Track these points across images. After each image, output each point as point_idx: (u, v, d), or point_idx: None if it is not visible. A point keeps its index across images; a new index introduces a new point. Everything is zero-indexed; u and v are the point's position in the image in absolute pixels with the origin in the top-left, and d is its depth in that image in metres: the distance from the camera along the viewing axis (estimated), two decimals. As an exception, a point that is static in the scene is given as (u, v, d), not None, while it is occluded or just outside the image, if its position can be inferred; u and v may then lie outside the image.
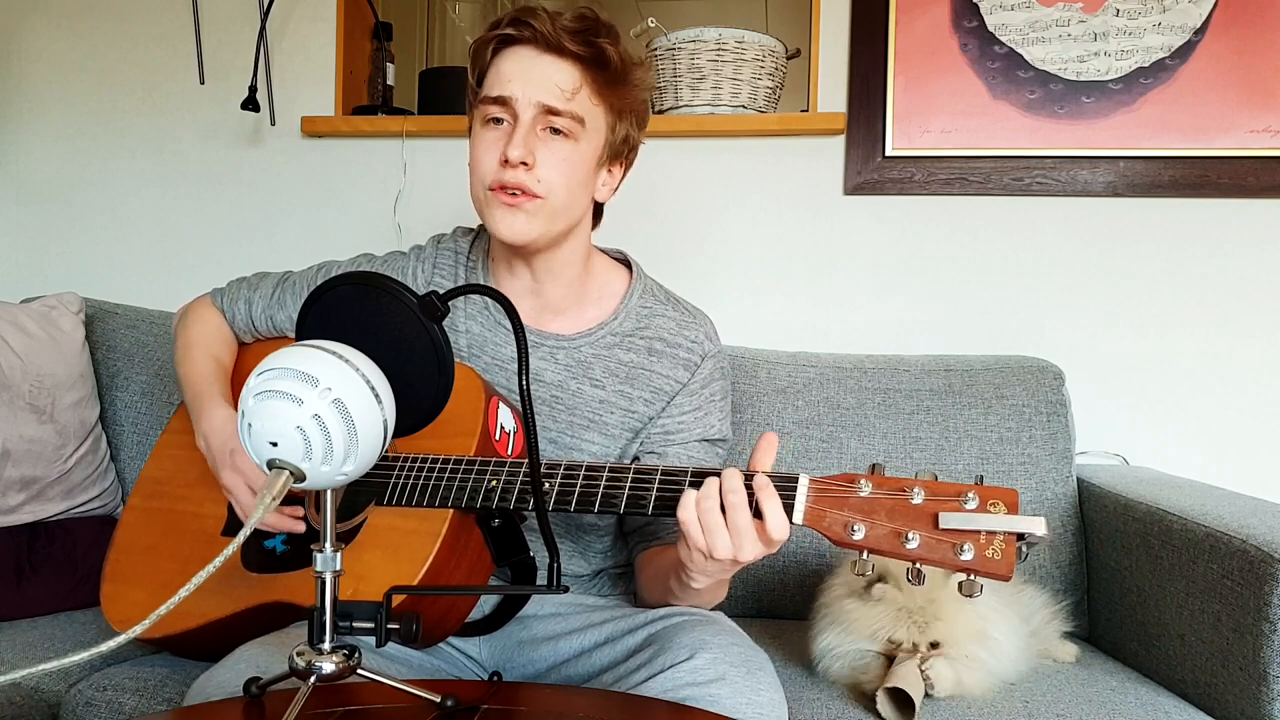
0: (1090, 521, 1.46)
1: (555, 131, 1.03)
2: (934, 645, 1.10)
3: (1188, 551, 1.18)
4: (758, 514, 0.83)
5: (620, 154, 1.12)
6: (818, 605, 1.18)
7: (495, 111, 1.04)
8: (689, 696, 0.85)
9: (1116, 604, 1.36)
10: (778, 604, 1.47)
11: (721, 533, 0.83)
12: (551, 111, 1.02)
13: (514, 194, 1.03)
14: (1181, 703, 1.14)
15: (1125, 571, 1.34)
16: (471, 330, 1.15)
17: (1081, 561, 1.46)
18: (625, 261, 1.22)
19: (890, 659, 1.11)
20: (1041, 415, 1.50)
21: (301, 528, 1.04)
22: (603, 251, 1.21)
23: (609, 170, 1.11)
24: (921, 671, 1.07)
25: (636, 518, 1.12)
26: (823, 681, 1.15)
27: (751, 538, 0.83)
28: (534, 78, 1.02)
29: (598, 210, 1.16)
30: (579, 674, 1.02)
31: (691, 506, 0.85)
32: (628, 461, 1.14)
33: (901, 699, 1.04)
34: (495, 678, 0.84)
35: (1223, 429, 1.69)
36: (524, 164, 1.02)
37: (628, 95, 1.08)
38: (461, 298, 1.16)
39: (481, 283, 1.16)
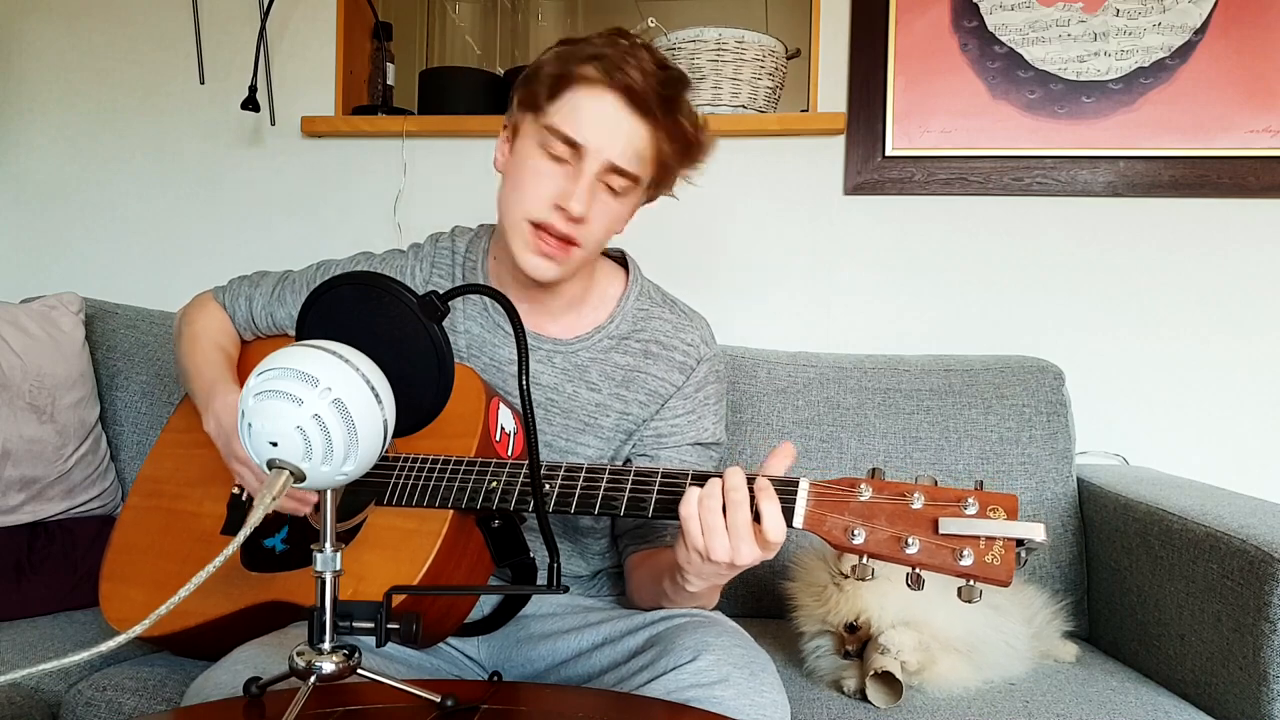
0: (1090, 521, 1.46)
1: (612, 186, 1.02)
2: (851, 626, 1.13)
3: (1188, 551, 1.18)
4: (756, 517, 0.83)
5: (653, 197, 1.12)
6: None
7: (562, 150, 1.01)
8: (692, 698, 0.85)
9: (1116, 604, 1.36)
10: (778, 604, 1.47)
11: (720, 533, 0.83)
12: (616, 170, 1.01)
13: (558, 242, 1.02)
14: (1181, 703, 1.14)
15: (1125, 571, 1.34)
16: (471, 331, 1.15)
17: (1081, 561, 1.46)
18: (623, 260, 1.21)
19: (852, 653, 1.15)
20: (1041, 415, 1.50)
21: (313, 498, 1.04)
22: (602, 253, 1.21)
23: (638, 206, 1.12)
24: (881, 648, 1.09)
25: (628, 519, 1.12)
26: (821, 683, 1.16)
27: (749, 540, 0.83)
28: (614, 135, 0.99)
29: None
30: (579, 674, 1.02)
31: (693, 503, 0.84)
32: (619, 463, 1.14)
33: (887, 679, 1.08)
34: (495, 678, 0.84)
35: (1223, 429, 1.69)
36: (580, 219, 1.01)
37: (686, 166, 1.07)
38: (461, 299, 1.16)
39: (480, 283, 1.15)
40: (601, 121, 0.99)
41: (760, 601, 1.48)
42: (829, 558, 1.18)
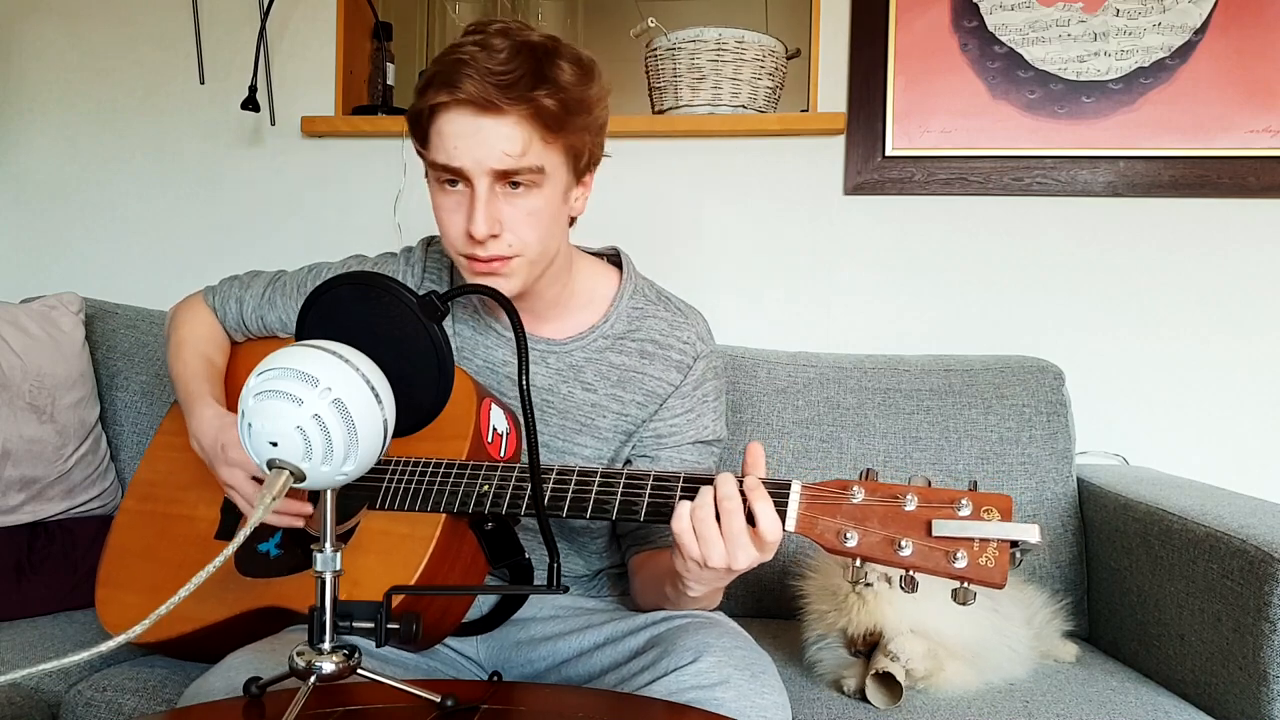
0: (1090, 521, 1.46)
1: (516, 185, 0.97)
2: (869, 634, 1.11)
3: (1188, 551, 1.18)
4: (750, 518, 0.83)
5: (586, 170, 1.06)
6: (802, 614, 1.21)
7: (449, 178, 0.98)
8: (693, 699, 0.85)
9: (1116, 604, 1.36)
10: (778, 604, 1.47)
11: (716, 542, 0.83)
12: (505, 174, 0.96)
13: (492, 263, 0.99)
14: (1181, 703, 1.14)
15: (1125, 571, 1.34)
16: (462, 333, 1.14)
17: (1081, 561, 1.46)
18: (616, 259, 1.19)
19: (860, 651, 1.14)
20: (1041, 415, 1.50)
21: (309, 509, 1.04)
22: (592, 252, 1.19)
23: (578, 186, 1.06)
24: (889, 654, 1.09)
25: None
26: (821, 681, 1.16)
27: (746, 545, 0.83)
28: (479, 144, 0.95)
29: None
30: (579, 675, 1.02)
31: (686, 518, 0.84)
32: (619, 465, 1.13)
33: (887, 680, 1.07)
34: (495, 677, 0.84)
35: (1223, 429, 1.68)
36: (493, 235, 0.98)
37: (582, 127, 1.00)
38: (450, 300, 1.15)
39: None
40: (462, 138, 0.95)
41: (761, 602, 1.48)
42: (849, 564, 1.18)
